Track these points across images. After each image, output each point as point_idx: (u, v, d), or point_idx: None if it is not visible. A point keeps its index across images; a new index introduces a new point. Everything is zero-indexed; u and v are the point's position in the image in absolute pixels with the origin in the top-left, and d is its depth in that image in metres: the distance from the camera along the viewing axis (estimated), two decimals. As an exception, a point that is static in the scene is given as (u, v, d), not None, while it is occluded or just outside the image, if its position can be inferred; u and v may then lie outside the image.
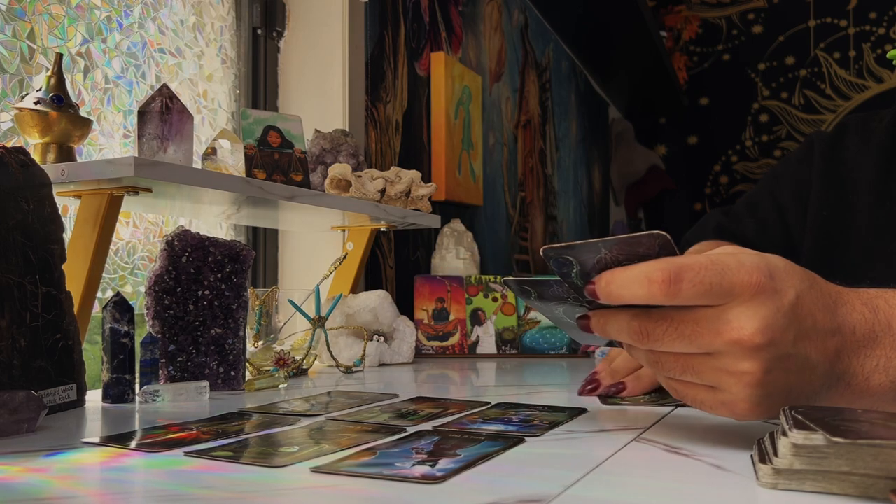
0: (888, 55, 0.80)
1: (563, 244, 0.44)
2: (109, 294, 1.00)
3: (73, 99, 0.83)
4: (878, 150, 0.75)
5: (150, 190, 0.79)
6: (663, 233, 0.42)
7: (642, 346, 0.45)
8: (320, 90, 1.37)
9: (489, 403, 0.66)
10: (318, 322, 0.97)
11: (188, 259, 0.76)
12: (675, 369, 0.45)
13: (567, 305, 0.51)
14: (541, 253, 0.46)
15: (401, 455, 0.45)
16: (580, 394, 0.71)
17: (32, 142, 0.80)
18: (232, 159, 0.96)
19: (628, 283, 0.43)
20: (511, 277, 0.52)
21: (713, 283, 0.42)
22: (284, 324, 1.03)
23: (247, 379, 0.81)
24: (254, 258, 0.81)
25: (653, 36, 2.63)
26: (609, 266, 0.44)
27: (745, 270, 0.42)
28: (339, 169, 1.12)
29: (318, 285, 1.00)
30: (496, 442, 0.49)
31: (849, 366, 0.45)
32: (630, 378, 0.68)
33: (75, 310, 0.70)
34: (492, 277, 1.32)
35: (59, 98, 0.80)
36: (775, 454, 0.38)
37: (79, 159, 0.85)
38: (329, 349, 0.99)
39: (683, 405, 0.64)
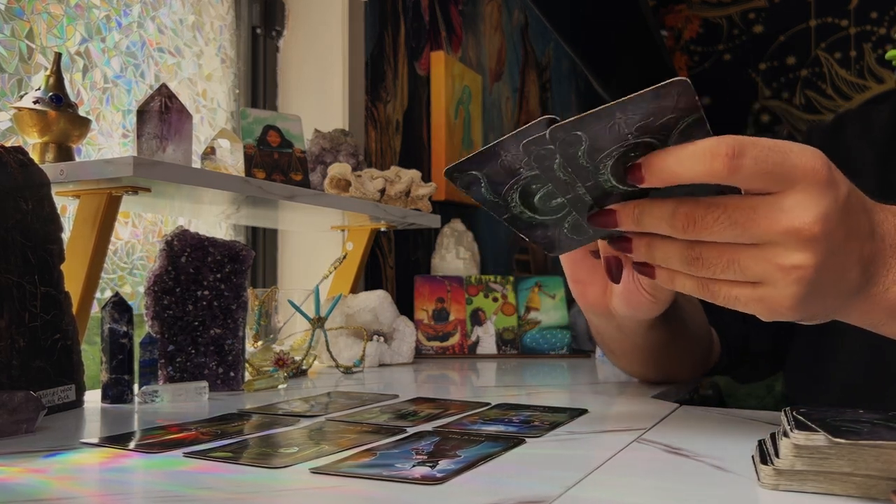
0: (887, 56, 0.80)
1: (571, 119, 0.39)
2: (108, 294, 0.99)
3: (72, 98, 0.83)
4: (880, 140, 0.75)
5: (149, 190, 0.79)
6: (683, 78, 0.37)
7: (688, 236, 0.42)
8: (320, 90, 1.37)
9: (489, 404, 0.66)
10: (318, 322, 0.97)
11: (187, 259, 0.76)
12: (719, 265, 0.42)
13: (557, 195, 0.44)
14: (546, 136, 0.40)
15: (401, 456, 0.45)
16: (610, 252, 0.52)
17: (31, 141, 0.80)
18: (231, 159, 0.96)
19: (687, 158, 0.40)
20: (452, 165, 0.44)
21: (776, 162, 0.39)
22: (284, 324, 1.03)
23: (246, 379, 0.81)
24: (253, 258, 0.81)
25: (653, 35, 2.63)
26: (624, 136, 0.39)
27: (807, 155, 0.40)
28: (339, 168, 1.12)
29: (317, 285, 1.00)
30: (496, 443, 0.49)
31: (875, 273, 0.43)
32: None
33: (74, 310, 0.70)
34: (492, 277, 1.32)
35: (58, 97, 0.79)
36: (776, 455, 0.38)
37: (77, 159, 0.84)
38: (329, 349, 0.99)
39: (686, 404, 0.64)
